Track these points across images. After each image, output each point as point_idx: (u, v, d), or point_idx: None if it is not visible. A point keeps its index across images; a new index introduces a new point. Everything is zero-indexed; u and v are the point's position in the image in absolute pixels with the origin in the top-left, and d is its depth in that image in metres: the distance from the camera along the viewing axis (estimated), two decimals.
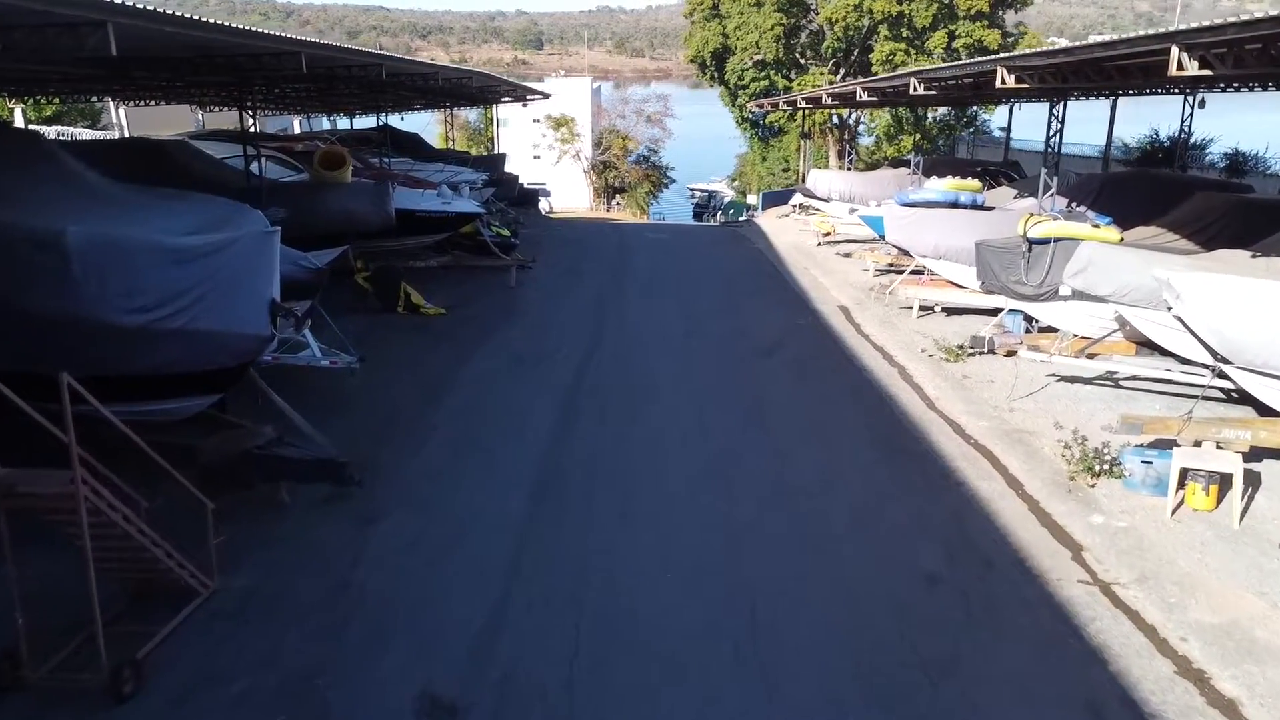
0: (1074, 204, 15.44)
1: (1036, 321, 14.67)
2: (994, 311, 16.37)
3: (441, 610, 7.02)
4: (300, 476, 8.47)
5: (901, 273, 21.24)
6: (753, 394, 12.48)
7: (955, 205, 16.47)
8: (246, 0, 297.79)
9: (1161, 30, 8.73)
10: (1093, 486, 9.26)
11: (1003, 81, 12.83)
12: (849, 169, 35.45)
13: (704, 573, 7.68)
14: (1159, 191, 15.13)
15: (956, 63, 24.13)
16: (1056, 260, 13.47)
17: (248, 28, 10.10)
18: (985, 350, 14.03)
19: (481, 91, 29.17)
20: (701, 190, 74.84)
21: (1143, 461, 9.05)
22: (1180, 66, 8.35)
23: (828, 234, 26.16)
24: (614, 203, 67.55)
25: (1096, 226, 13.51)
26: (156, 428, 7.96)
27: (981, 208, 16.73)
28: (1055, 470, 9.72)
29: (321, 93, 24.14)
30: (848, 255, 22.03)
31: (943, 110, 42.26)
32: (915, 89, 16.68)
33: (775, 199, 38.87)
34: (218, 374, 8.85)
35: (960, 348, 14.05)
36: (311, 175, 16.17)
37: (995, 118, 45.10)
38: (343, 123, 34.16)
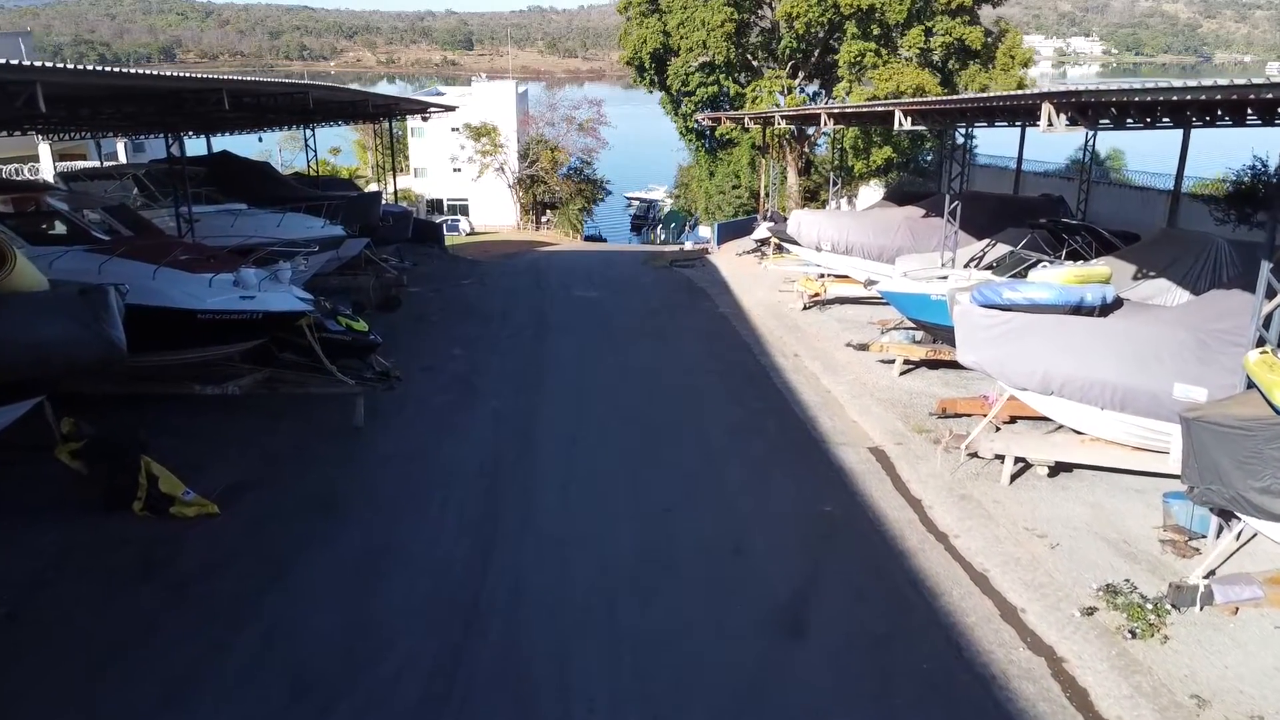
0: None
1: (1236, 521, 8.31)
2: (1133, 473, 10.02)
3: None
4: None
5: (935, 367, 14.93)
6: None
7: (1079, 309, 9.87)
8: (163, 0, 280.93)
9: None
10: None
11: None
12: (834, 200, 29.08)
13: None
14: None
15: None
16: None
17: None
18: (1195, 606, 7.59)
19: (349, 108, 21.91)
20: (640, 199, 68.77)
21: None
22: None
23: (815, 295, 19.64)
24: (544, 220, 60.36)
25: None
26: None
27: (1112, 308, 10.19)
28: None
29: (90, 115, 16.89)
30: (863, 347, 15.33)
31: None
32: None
33: (732, 230, 32.39)
34: None
35: (1155, 605, 7.54)
36: None
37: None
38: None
